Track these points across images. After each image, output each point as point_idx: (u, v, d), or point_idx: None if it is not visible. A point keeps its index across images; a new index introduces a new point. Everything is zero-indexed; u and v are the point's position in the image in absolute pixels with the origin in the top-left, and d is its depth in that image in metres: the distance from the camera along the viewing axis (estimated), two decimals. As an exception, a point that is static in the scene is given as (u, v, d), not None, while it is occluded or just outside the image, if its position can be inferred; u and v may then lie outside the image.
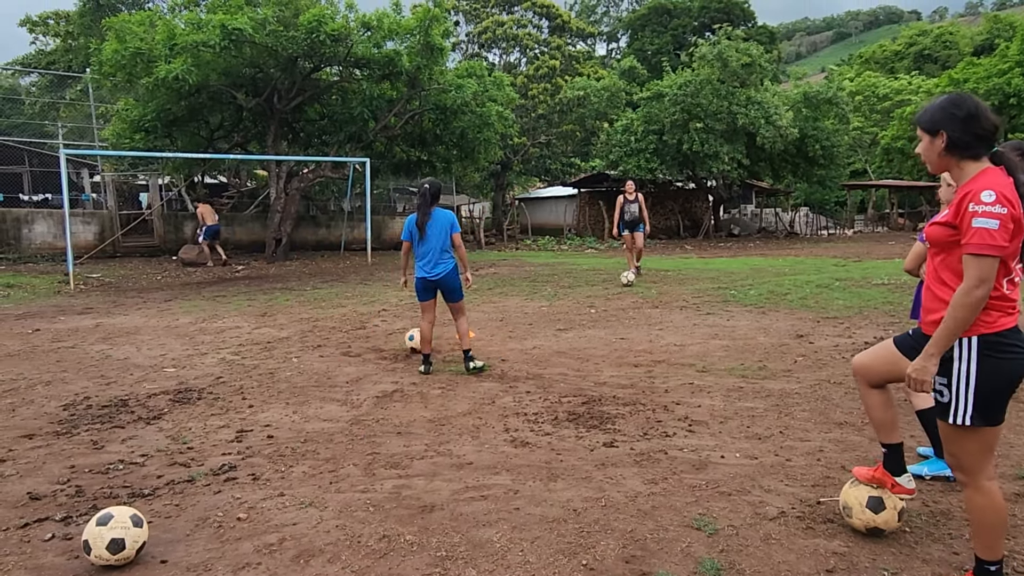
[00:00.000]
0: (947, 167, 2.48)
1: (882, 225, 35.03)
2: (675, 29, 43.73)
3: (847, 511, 2.98)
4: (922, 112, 2.51)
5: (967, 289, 2.27)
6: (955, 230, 2.37)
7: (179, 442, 4.36)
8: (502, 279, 13.93)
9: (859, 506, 2.92)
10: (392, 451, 4.14)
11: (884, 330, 7.44)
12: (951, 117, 2.39)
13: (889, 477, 2.96)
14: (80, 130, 27.02)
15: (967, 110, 2.37)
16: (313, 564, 2.84)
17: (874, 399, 2.94)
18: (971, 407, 2.35)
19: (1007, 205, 2.24)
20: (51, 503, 3.47)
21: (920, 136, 2.52)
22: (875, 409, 2.95)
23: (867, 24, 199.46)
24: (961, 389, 2.37)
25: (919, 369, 2.38)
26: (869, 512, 2.89)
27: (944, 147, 2.42)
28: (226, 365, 6.54)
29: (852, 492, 2.97)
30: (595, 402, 5.08)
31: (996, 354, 2.33)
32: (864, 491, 2.94)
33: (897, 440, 2.96)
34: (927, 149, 2.49)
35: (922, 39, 55.00)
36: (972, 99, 2.41)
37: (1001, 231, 2.23)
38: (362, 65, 17.92)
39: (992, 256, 2.24)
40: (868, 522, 2.91)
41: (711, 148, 24.72)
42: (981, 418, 2.36)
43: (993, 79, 26.80)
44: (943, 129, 2.40)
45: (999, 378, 2.33)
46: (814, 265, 15.28)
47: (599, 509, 3.28)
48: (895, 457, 2.97)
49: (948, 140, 2.40)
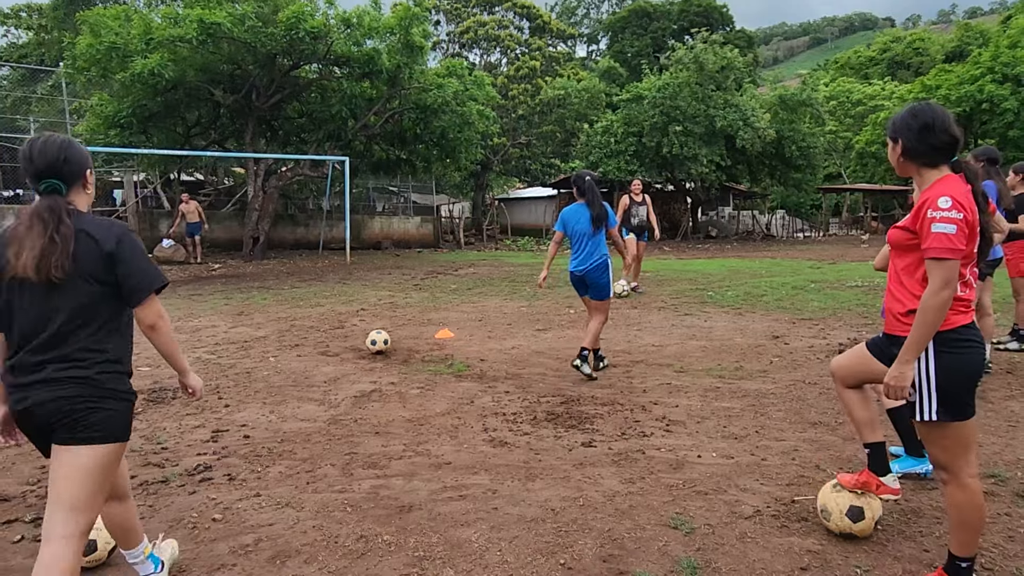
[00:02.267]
0: (908, 172, 2.60)
1: (856, 228, 35.54)
2: (655, 32, 44.04)
3: (825, 514, 2.99)
4: (890, 119, 2.65)
5: (934, 291, 2.34)
6: (913, 235, 2.47)
7: (153, 442, 4.30)
8: (481, 279, 13.92)
9: (839, 513, 2.93)
10: (370, 451, 4.12)
11: (857, 331, 7.55)
12: (907, 127, 2.51)
13: (874, 479, 3.00)
14: (53, 125, 26.54)
15: (923, 121, 2.48)
16: (289, 565, 2.82)
17: (851, 398, 3.02)
18: (935, 403, 2.43)
19: (962, 211, 2.35)
20: (20, 504, 3.41)
21: (887, 142, 2.65)
22: (853, 408, 3.03)
23: (843, 30, 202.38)
24: (923, 386, 2.44)
25: (896, 376, 2.43)
26: (848, 520, 2.92)
27: (900, 154, 2.56)
28: (202, 364, 6.46)
29: (834, 497, 2.98)
30: (573, 402, 5.10)
31: (952, 350, 2.42)
32: (846, 498, 2.94)
33: (879, 439, 3.02)
34: (891, 154, 2.62)
35: (895, 45, 55.95)
36: (933, 111, 2.50)
37: (959, 235, 2.33)
38: (342, 63, 17.83)
39: (953, 259, 2.34)
40: (844, 529, 2.94)
41: (690, 151, 24.95)
42: (947, 413, 2.42)
43: (965, 86, 27.27)
44: (900, 137, 2.54)
45: (958, 372, 2.42)
46: (790, 267, 15.46)
47: (577, 508, 3.29)
48: (878, 457, 3.02)
49: (903, 148, 2.54)
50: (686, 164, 25.37)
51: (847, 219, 37.67)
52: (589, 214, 5.86)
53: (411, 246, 25.37)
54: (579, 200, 5.98)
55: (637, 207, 11.11)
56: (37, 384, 2.17)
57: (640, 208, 11.10)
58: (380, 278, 14.29)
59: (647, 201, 11.15)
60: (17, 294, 2.19)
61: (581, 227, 5.87)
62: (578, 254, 5.91)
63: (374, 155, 21.38)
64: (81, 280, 2.19)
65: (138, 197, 22.00)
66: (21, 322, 2.20)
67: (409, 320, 8.92)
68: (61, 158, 2.23)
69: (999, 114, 26.07)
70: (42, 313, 2.18)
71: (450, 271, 15.89)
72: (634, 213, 11.13)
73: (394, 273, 15.55)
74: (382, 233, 25.66)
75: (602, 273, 5.84)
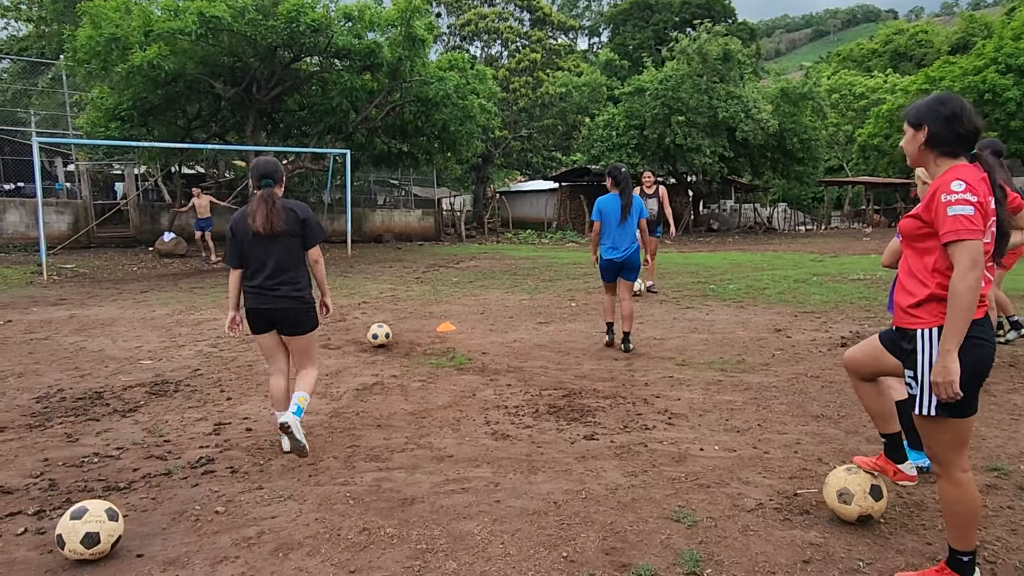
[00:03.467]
0: (924, 162, 2.54)
1: (858, 221, 35.45)
2: (656, 24, 43.80)
3: (845, 496, 2.98)
4: (910, 107, 2.59)
5: (961, 274, 2.27)
6: (925, 224, 2.42)
7: (155, 435, 4.30)
8: (483, 272, 13.91)
9: (862, 493, 2.95)
10: (372, 444, 4.12)
11: (860, 324, 7.54)
12: (935, 113, 2.46)
13: (891, 465, 3.02)
14: (54, 118, 26.50)
15: (952, 108, 2.44)
16: (292, 557, 2.82)
17: (865, 391, 2.99)
18: (936, 399, 2.38)
19: (976, 194, 2.30)
20: (24, 497, 3.41)
21: (905, 129, 2.58)
22: (868, 400, 3.00)
23: (845, 22, 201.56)
24: (926, 380, 2.39)
25: (940, 371, 2.32)
26: (871, 499, 2.94)
27: (924, 141, 2.49)
28: (204, 357, 6.46)
29: (853, 479, 2.99)
30: (576, 395, 5.10)
31: (961, 346, 2.33)
32: (866, 479, 2.98)
33: (895, 429, 3.01)
34: (909, 141, 2.56)
35: (898, 38, 55.63)
36: (960, 100, 2.48)
37: (976, 216, 2.28)
38: (343, 56, 17.77)
39: (975, 240, 2.27)
40: (867, 509, 2.95)
41: (693, 142, 24.88)
42: (947, 409, 2.38)
43: (968, 77, 27.16)
44: (926, 123, 2.47)
45: (965, 369, 2.32)
46: (792, 260, 15.44)
47: (579, 501, 3.29)
48: (895, 446, 3.02)
49: (929, 134, 2.47)
50: (689, 155, 25.29)
51: (849, 212, 37.57)
52: (621, 203, 6.46)
53: (412, 239, 25.35)
54: (613, 191, 6.56)
55: (647, 200, 10.35)
56: (275, 298, 3.88)
57: (651, 201, 10.40)
58: (381, 271, 14.28)
59: (660, 194, 10.54)
60: (250, 244, 3.87)
61: (616, 216, 6.46)
62: (614, 242, 6.49)
63: (375, 148, 21.32)
64: (288, 235, 3.88)
65: (139, 190, 21.97)
66: (252, 261, 3.89)
67: (411, 313, 8.92)
68: (272, 168, 3.91)
69: (1002, 104, 26.00)
70: (264, 254, 3.87)
71: (451, 264, 15.87)
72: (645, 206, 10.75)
73: (395, 266, 15.54)
74: (383, 226, 25.64)
75: (636, 256, 6.60)
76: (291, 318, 3.93)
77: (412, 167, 24.65)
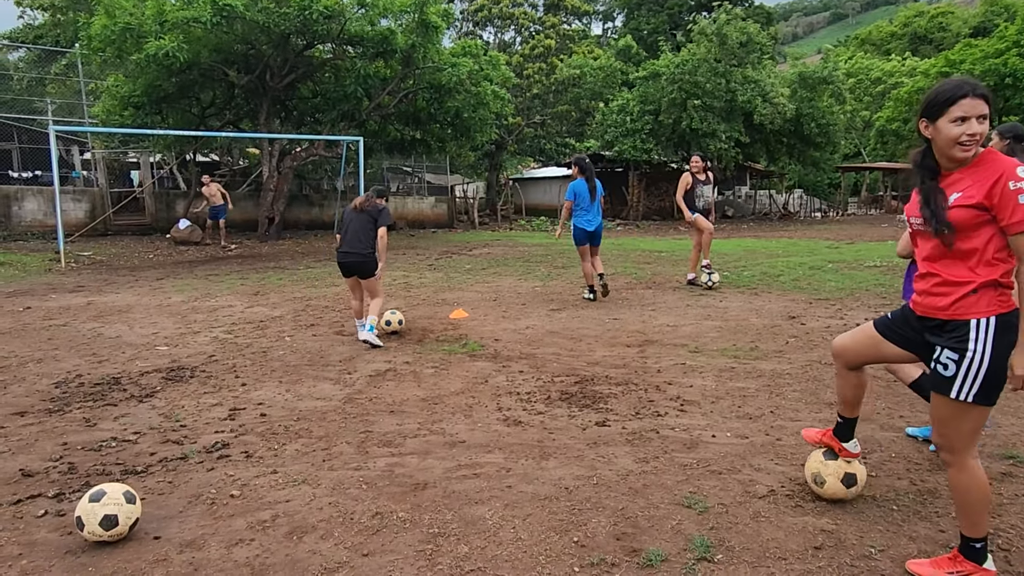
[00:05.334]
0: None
1: (875, 208, 35.07)
2: (671, 8, 43.36)
3: (818, 479, 3.10)
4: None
5: None
6: (985, 211, 2.33)
7: (172, 420, 4.36)
8: (496, 259, 13.92)
9: (835, 480, 3.07)
10: (385, 429, 4.16)
11: (875, 311, 7.48)
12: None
13: (836, 442, 3.10)
14: (69, 106, 26.68)
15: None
16: (306, 540, 2.85)
17: (848, 380, 2.97)
18: (978, 385, 2.35)
19: None
20: (44, 480, 3.47)
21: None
22: (846, 389, 3.00)
23: (864, 5, 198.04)
24: (973, 366, 2.35)
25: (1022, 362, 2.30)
26: (841, 486, 3.06)
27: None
28: (219, 344, 6.53)
29: (831, 466, 3.08)
30: (588, 382, 5.10)
31: (1012, 334, 2.32)
32: (840, 467, 3.07)
33: (854, 415, 3.07)
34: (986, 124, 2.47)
35: (918, 20, 54.71)
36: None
37: None
38: (355, 43, 17.72)
39: None
40: (836, 495, 3.08)
41: (709, 127, 24.63)
42: (983, 396, 2.36)
43: (989, 60, 26.73)
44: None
45: (1004, 357, 2.33)
46: (807, 247, 15.31)
47: (591, 487, 3.30)
48: (846, 428, 3.08)
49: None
50: (704, 141, 25.06)
51: (866, 198, 37.18)
52: (588, 187, 8.39)
53: (425, 226, 25.37)
54: (580, 176, 8.46)
55: (702, 186, 9.11)
56: (351, 254, 6.42)
57: (706, 188, 9.16)
58: (394, 258, 14.32)
59: (712, 179, 9.36)
60: (348, 218, 6.54)
61: (587, 196, 8.39)
62: (589, 217, 8.44)
63: (388, 135, 21.29)
64: (367, 215, 6.48)
65: (154, 178, 22.12)
66: (347, 231, 6.47)
67: (423, 300, 8.94)
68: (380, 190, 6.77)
69: (1023, 88, 25.57)
70: (352, 226, 6.46)
71: (464, 251, 15.88)
72: (699, 193, 9.11)
73: (408, 253, 15.57)
74: (396, 213, 25.62)
75: (601, 227, 8.62)
76: (359, 268, 6.46)
77: (425, 154, 24.62)
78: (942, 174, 2.48)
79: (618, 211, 30.46)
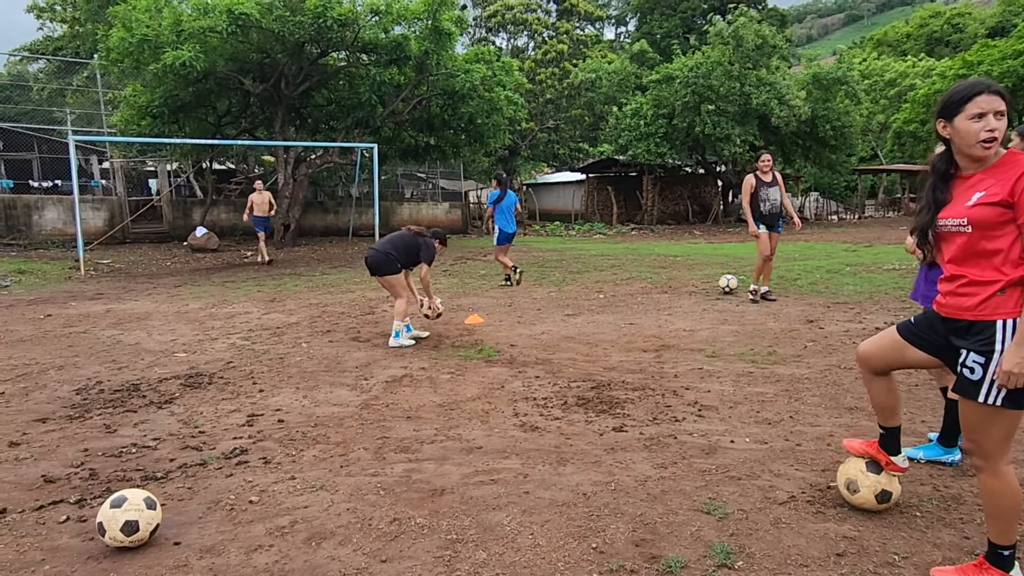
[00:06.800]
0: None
1: (894, 210, 34.73)
2: (684, 12, 43.25)
3: (852, 487, 3.02)
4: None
5: None
6: (1007, 209, 2.30)
7: (191, 426, 4.39)
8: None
9: (870, 493, 2.98)
10: (402, 435, 4.16)
11: (895, 315, 7.40)
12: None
13: (884, 455, 3.00)
14: (88, 116, 27.06)
15: None
16: (324, 547, 2.86)
17: (878, 386, 2.92)
18: (1006, 389, 2.32)
19: None
20: (65, 486, 3.50)
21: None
22: (878, 395, 2.95)
23: (879, 6, 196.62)
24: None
25: (1020, 363, 2.27)
26: (874, 500, 2.98)
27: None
28: (236, 350, 6.57)
29: (871, 479, 2.99)
30: (604, 387, 5.08)
31: None
32: (880, 482, 2.98)
33: (896, 424, 2.98)
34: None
35: (934, 21, 54.23)
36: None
37: None
38: (369, 50, 17.83)
39: None
40: (864, 505, 3.01)
41: (723, 131, 24.52)
42: (1012, 400, 2.32)
43: (1008, 61, 26.42)
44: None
45: None
46: (824, 250, 15.19)
47: (609, 493, 3.28)
48: (892, 439, 2.99)
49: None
50: (718, 144, 24.95)
51: (883, 201, 36.83)
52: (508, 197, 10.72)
53: (440, 232, 25.39)
54: (498, 189, 10.76)
55: (767, 189, 8.38)
56: (373, 251, 6.56)
57: (772, 190, 8.39)
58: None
59: (779, 180, 8.53)
60: (399, 232, 6.82)
61: (508, 205, 10.77)
62: (510, 221, 10.85)
63: (402, 141, 21.40)
64: (413, 239, 6.73)
65: (172, 186, 22.36)
66: (387, 237, 6.75)
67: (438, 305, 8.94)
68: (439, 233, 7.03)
69: (1043, 89, 25.26)
70: (392, 234, 6.81)
71: (479, 257, 15.90)
72: (764, 197, 8.37)
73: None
74: (411, 219, 25.74)
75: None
76: (376, 266, 6.56)
77: (439, 160, 24.70)
78: (963, 176, 2.45)
79: (632, 215, 30.40)
